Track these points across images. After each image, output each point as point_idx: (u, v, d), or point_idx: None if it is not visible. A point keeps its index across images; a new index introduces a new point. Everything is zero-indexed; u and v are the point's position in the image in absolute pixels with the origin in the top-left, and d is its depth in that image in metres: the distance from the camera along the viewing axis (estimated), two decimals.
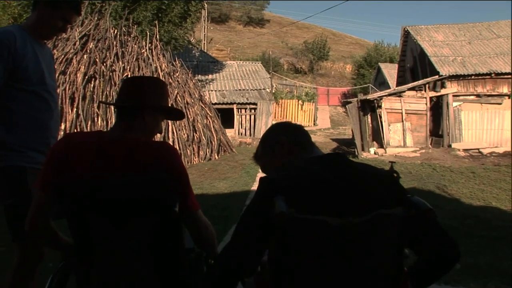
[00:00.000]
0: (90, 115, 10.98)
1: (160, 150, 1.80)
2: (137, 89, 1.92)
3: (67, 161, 1.72)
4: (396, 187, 1.51)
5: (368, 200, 1.41)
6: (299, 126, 1.86)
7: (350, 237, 1.35)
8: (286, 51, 52.61)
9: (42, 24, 2.41)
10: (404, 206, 1.42)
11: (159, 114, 1.95)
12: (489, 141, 17.06)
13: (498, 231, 5.32)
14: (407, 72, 23.45)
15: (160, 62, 13.87)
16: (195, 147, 13.31)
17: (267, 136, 1.84)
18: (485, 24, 21.60)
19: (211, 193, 8.18)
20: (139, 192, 1.70)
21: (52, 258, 2.94)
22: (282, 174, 1.50)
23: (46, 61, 2.49)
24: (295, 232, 1.36)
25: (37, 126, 2.39)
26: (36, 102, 2.38)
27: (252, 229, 1.46)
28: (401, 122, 17.24)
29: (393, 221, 1.41)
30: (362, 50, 53.15)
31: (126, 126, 1.83)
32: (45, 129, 2.44)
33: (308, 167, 1.51)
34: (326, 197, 1.40)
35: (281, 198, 1.34)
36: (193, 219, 1.85)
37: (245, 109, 21.29)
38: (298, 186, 1.42)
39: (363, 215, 1.34)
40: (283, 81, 40.35)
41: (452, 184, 9.43)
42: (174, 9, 18.78)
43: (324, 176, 1.44)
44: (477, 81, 17.52)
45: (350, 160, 1.59)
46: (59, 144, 1.83)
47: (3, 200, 2.32)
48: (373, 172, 1.55)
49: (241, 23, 67.52)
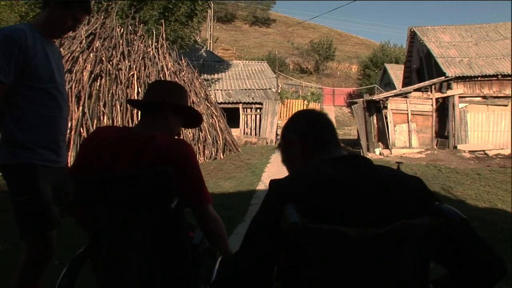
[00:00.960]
0: (96, 113, 11.01)
1: (174, 144, 1.89)
2: (161, 90, 2.10)
3: (91, 154, 1.89)
4: (423, 194, 1.35)
5: (391, 208, 1.26)
6: (320, 118, 1.59)
7: (371, 250, 1.21)
8: (292, 51, 52.58)
9: (52, 22, 2.43)
10: (432, 215, 1.26)
11: (179, 116, 2.09)
12: (495, 142, 17.00)
13: (503, 233, 5.30)
14: (413, 73, 23.38)
15: (166, 61, 13.88)
16: (200, 146, 13.33)
17: (283, 129, 1.64)
18: (492, 25, 21.52)
19: (216, 192, 8.18)
20: (141, 185, 1.79)
21: (58, 256, 2.97)
22: (292, 179, 1.36)
23: (55, 59, 2.50)
24: (308, 244, 1.21)
25: (47, 124, 2.40)
26: (46, 100, 2.39)
27: (258, 242, 1.32)
28: (406, 123, 17.20)
29: (419, 231, 1.25)
30: (368, 50, 53.06)
31: (148, 123, 1.99)
32: (55, 127, 2.45)
33: (322, 170, 1.36)
34: (343, 204, 1.25)
35: (291, 207, 1.19)
36: (202, 212, 1.92)
37: (250, 109, 21.28)
38: (311, 192, 1.26)
39: (386, 225, 1.20)
40: (289, 81, 40.37)
41: (458, 185, 9.40)
42: (181, 8, 18.79)
43: (341, 181, 1.29)
44: (483, 82, 17.46)
45: (371, 163, 1.42)
46: (88, 138, 2.03)
47: (14, 198, 2.33)
48: (397, 176, 1.39)
49: (247, 22, 67.55)
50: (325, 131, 1.54)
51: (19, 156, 2.30)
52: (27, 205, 2.30)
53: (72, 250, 2.20)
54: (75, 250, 2.13)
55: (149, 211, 1.76)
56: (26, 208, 2.31)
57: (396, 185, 1.32)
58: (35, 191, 2.23)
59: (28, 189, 2.31)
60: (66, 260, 2.08)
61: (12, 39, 2.23)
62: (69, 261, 2.02)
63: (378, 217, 1.22)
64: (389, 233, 1.20)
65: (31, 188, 2.29)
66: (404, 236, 1.23)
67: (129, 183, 1.81)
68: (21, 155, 2.30)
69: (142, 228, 1.75)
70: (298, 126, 1.57)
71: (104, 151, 1.88)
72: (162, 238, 1.78)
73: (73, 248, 2.31)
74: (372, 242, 1.20)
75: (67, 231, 4.81)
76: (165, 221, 1.77)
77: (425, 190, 1.37)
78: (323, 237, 1.20)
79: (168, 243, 1.82)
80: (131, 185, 1.80)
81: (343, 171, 1.33)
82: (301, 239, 1.18)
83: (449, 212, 1.26)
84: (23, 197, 2.30)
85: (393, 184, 1.32)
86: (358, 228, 1.18)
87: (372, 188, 1.28)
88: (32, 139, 2.32)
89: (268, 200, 1.33)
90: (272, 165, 12.28)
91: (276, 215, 1.23)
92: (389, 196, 1.28)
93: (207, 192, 1.96)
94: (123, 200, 1.81)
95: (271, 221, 1.26)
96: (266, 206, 1.33)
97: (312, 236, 1.19)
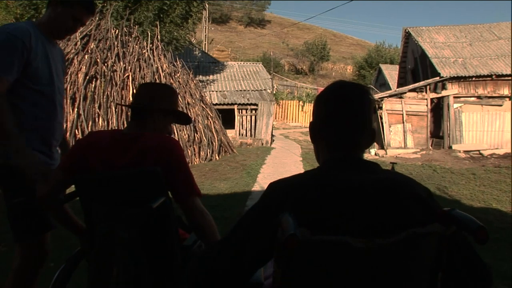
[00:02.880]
0: (91, 115, 10.97)
1: (160, 139, 1.95)
2: (149, 93, 2.13)
3: (84, 154, 1.94)
4: (432, 199, 1.26)
5: (399, 216, 1.16)
6: (341, 102, 1.33)
7: (377, 262, 1.10)
8: (287, 52, 52.68)
9: (53, 22, 2.39)
10: (443, 222, 1.17)
11: (169, 117, 2.14)
12: (490, 142, 17.08)
13: (499, 233, 5.32)
14: (408, 74, 23.47)
15: (161, 63, 13.85)
16: (196, 148, 13.30)
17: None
18: (486, 25, 21.63)
19: (212, 193, 8.17)
20: (128, 184, 1.85)
21: (53, 258, 2.95)
22: (289, 183, 1.24)
23: (56, 61, 2.47)
24: (308, 256, 1.10)
25: (41, 127, 2.37)
26: (42, 102, 2.35)
27: (246, 245, 1.21)
28: (401, 124, 17.26)
29: (429, 241, 1.16)
30: (363, 51, 53.20)
31: (137, 124, 2.03)
32: (48, 130, 2.42)
33: (323, 172, 1.26)
34: (347, 212, 1.14)
35: (289, 216, 1.07)
36: (188, 204, 1.94)
37: (246, 110, 21.26)
38: (310, 198, 1.15)
39: (393, 235, 1.10)
40: (284, 82, 40.42)
41: (453, 185, 9.43)
42: (176, 10, 18.75)
43: (343, 185, 1.18)
44: (478, 82, 17.55)
45: (375, 166, 1.31)
46: (82, 139, 2.09)
47: (10, 200, 2.30)
48: (404, 181, 1.27)
49: (242, 23, 67.62)
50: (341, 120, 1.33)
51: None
52: (21, 207, 2.27)
53: (68, 252, 2.19)
54: (70, 252, 2.13)
55: (134, 210, 1.77)
56: (19, 210, 2.29)
57: (403, 190, 1.22)
58: (29, 193, 2.18)
59: (22, 191, 2.27)
60: (61, 262, 2.07)
61: (17, 37, 2.19)
62: (65, 261, 2.04)
63: (385, 226, 1.13)
64: (397, 243, 1.10)
65: (25, 190, 2.25)
66: (413, 246, 1.13)
67: (117, 181, 1.86)
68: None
69: (129, 227, 1.78)
70: (316, 110, 1.40)
71: (93, 150, 1.94)
72: (149, 237, 1.79)
73: (68, 250, 2.30)
74: (380, 254, 1.10)
75: (63, 233, 4.79)
76: (152, 220, 1.79)
77: (432, 198, 1.28)
78: (325, 249, 1.09)
79: (156, 243, 1.83)
80: (119, 183, 1.86)
81: (345, 173, 1.23)
82: (301, 251, 1.07)
83: (465, 219, 1.15)
84: (18, 199, 2.28)
85: (399, 189, 1.22)
86: (363, 239, 1.08)
87: (377, 194, 1.18)
88: (27, 141, 2.27)
89: (264, 202, 1.25)
90: (267, 166, 12.27)
91: (269, 224, 1.13)
92: (396, 202, 1.18)
93: (195, 184, 1.98)
94: (111, 198, 1.86)
95: (263, 230, 1.18)
96: (260, 210, 1.24)
97: (313, 248, 1.09)
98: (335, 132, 1.32)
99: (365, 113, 1.32)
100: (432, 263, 1.20)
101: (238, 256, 1.21)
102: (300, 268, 1.12)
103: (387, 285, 1.13)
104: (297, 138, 23.65)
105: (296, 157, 15.14)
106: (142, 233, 1.77)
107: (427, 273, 1.20)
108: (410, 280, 1.16)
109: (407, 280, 1.16)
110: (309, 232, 1.06)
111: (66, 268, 2.02)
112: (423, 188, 1.29)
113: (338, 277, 1.11)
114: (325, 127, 1.34)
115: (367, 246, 1.07)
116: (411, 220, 1.15)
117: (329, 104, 1.34)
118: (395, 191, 1.21)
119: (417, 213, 1.19)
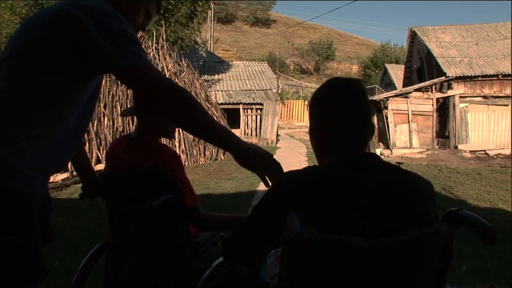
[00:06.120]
0: (96, 114, 10.99)
1: (157, 148, 2.00)
2: None
3: (107, 158, 2.15)
4: (433, 199, 1.25)
5: (406, 216, 1.14)
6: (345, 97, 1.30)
7: (384, 262, 1.08)
8: (292, 51, 52.64)
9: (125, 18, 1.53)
10: (450, 221, 1.16)
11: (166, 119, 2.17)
12: (496, 142, 16.99)
13: (505, 234, 5.28)
14: (414, 73, 23.39)
15: (167, 62, 13.87)
16: (201, 147, 13.32)
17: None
18: (493, 25, 21.53)
19: (217, 193, 8.18)
20: (136, 184, 1.93)
21: (59, 258, 2.97)
22: (295, 180, 1.20)
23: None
24: (314, 255, 1.08)
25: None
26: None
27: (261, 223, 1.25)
28: (407, 123, 17.20)
29: (437, 240, 1.14)
30: (369, 50, 53.11)
31: (141, 127, 2.09)
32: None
33: (329, 171, 1.21)
34: (353, 212, 1.11)
35: (295, 215, 1.06)
36: (191, 215, 1.95)
37: (251, 109, 21.26)
38: (317, 197, 1.12)
39: (401, 235, 1.07)
40: (289, 82, 40.42)
41: (458, 185, 9.39)
42: (181, 9, 18.77)
43: (352, 184, 1.16)
44: (484, 82, 17.47)
45: (383, 163, 1.27)
46: (110, 145, 2.24)
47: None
48: (412, 180, 1.24)
49: (247, 23, 67.63)
50: (345, 117, 1.30)
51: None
52: (15, 248, 1.36)
53: (72, 253, 2.20)
54: (74, 252, 2.14)
55: (140, 207, 1.84)
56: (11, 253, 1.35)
57: (410, 189, 1.20)
58: (31, 230, 1.40)
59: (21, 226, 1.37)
60: (67, 262, 2.08)
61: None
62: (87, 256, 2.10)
63: (392, 226, 1.10)
64: (405, 243, 1.07)
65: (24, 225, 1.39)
66: (420, 246, 1.11)
67: (126, 181, 1.97)
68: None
69: (136, 223, 1.87)
70: (315, 104, 1.38)
71: (111, 155, 2.12)
72: (156, 232, 1.85)
73: (73, 250, 2.31)
74: (386, 253, 1.07)
75: (69, 233, 4.80)
76: (157, 216, 1.83)
77: (433, 195, 1.26)
78: (331, 249, 1.07)
79: (163, 238, 1.87)
80: (128, 183, 1.96)
81: (352, 172, 1.19)
82: (307, 250, 1.05)
83: (472, 219, 1.15)
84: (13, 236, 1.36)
85: (406, 188, 1.20)
86: (370, 238, 1.06)
87: (384, 193, 1.15)
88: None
89: (272, 198, 1.23)
90: None
91: (277, 220, 1.12)
92: (403, 202, 1.16)
93: (194, 194, 1.97)
94: (122, 196, 1.98)
95: (271, 223, 1.19)
96: (266, 208, 1.24)
97: (319, 247, 1.06)
98: (340, 131, 1.29)
99: (366, 107, 1.31)
100: (438, 264, 1.18)
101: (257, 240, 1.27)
102: (306, 267, 1.10)
103: (393, 284, 1.12)
104: (302, 137, 23.61)
105: (301, 156, 15.12)
106: (149, 228, 1.84)
107: (433, 273, 1.18)
108: (417, 280, 1.15)
109: (413, 280, 1.14)
110: (315, 230, 1.05)
111: (88, 260, 2.07)
112: (429, 186, 1.27)
113: (345, 276, 1.10)
114: (329, 127, 1.30)
115: (374, 246, 1.05)
116: (420, 219, 1.14)
117: (331, 103, 1.31)
118: (403, 188, 1.19)
119: (425, 211, 1.17)
